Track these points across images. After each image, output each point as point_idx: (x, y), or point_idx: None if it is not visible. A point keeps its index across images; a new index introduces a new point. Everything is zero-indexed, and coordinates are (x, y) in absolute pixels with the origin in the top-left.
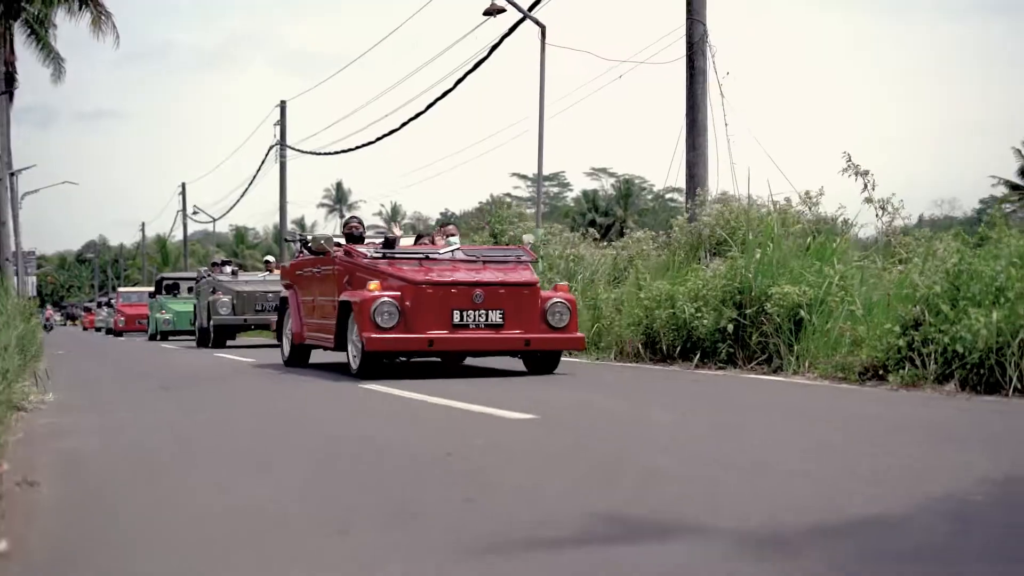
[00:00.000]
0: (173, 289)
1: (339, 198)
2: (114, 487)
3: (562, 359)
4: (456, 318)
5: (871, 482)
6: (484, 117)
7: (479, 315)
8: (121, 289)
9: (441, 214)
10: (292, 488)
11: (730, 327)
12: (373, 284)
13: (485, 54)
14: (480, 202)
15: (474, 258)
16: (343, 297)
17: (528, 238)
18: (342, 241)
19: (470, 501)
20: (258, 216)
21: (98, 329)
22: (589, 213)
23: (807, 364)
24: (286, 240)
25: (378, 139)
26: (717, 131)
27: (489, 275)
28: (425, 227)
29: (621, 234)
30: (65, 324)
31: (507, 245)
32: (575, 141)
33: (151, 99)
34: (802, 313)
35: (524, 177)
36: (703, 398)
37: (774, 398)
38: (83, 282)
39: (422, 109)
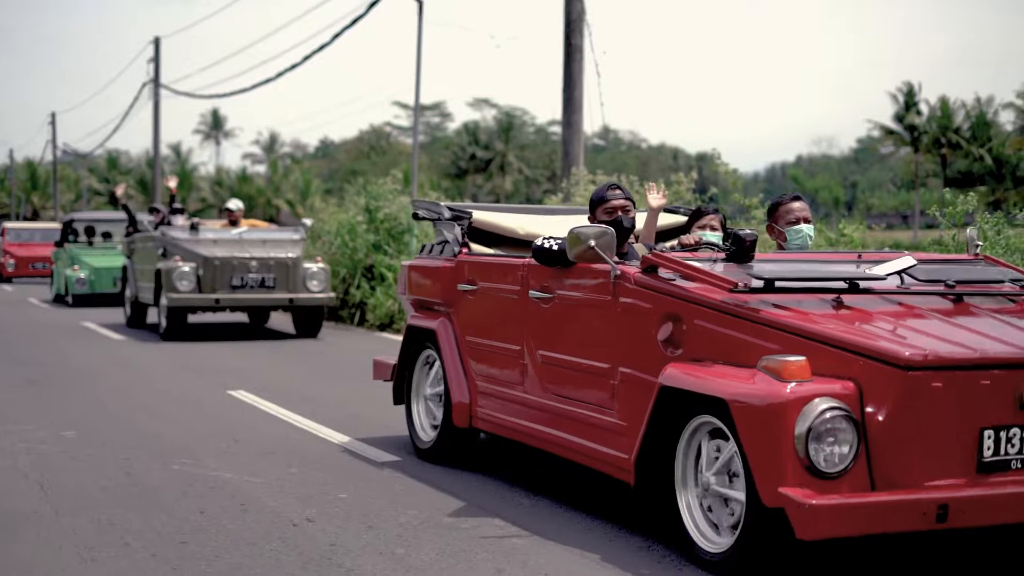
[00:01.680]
0: (89, 234)
1: (215, 124)
2: None
3: None
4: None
5: None
6: (364, 56)
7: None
8: (9, 225)
9: (320, 141)
10: None
11: None
12: None
13: (364, 10)
14: (360, 130)
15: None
16: None
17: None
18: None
19: None
20: (130, 141)
21: None
22: (470, 147)
23: None
24: (416, 216)
25: (254, 86)
26: (593, 109)
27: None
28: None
29: (502, 168)
30: None
31: (382, 222)
32: (456, 70)
33: (21, 15)
34: None
35: (405, 106)
36: None
37: None
38: None
39: (298, 61)
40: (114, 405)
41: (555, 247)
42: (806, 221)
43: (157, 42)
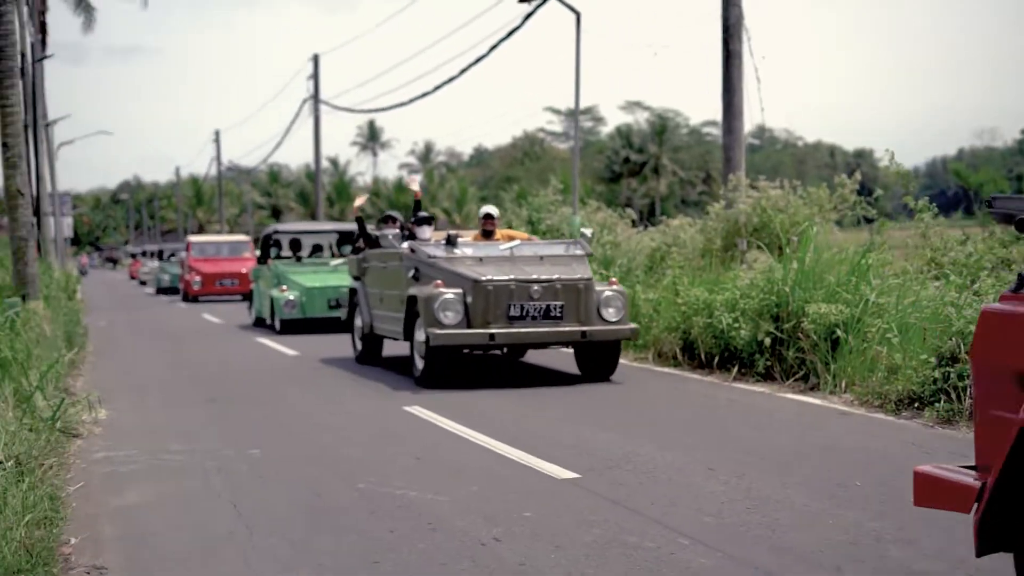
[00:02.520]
0: (294, 248)
1: (372, 136)
2: None
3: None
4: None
5: None
6: (516, 64)
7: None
8: (193, 239)
9: (474, 149)
10: None
11: (767, 341)
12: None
13: (519, 22)
14: (513, 137)
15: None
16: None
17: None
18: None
19: None
20: (290, 155)
21: (143, 283)
22: (623, 150)
23: (843, 384)
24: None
25: (412, 100)
26: (753, 114)
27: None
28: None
29: (656, 171)
30: (103, 267)
31: (543, 233)
32: (609, 73)
33: (184, 36)
34: (838, 332)
35: (558, 112)
36: (749, 447)
37: (817, 440)
38: (118, 223)
39: (455, 74)
40: (294, 423)
41: None
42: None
43: (316, 59)
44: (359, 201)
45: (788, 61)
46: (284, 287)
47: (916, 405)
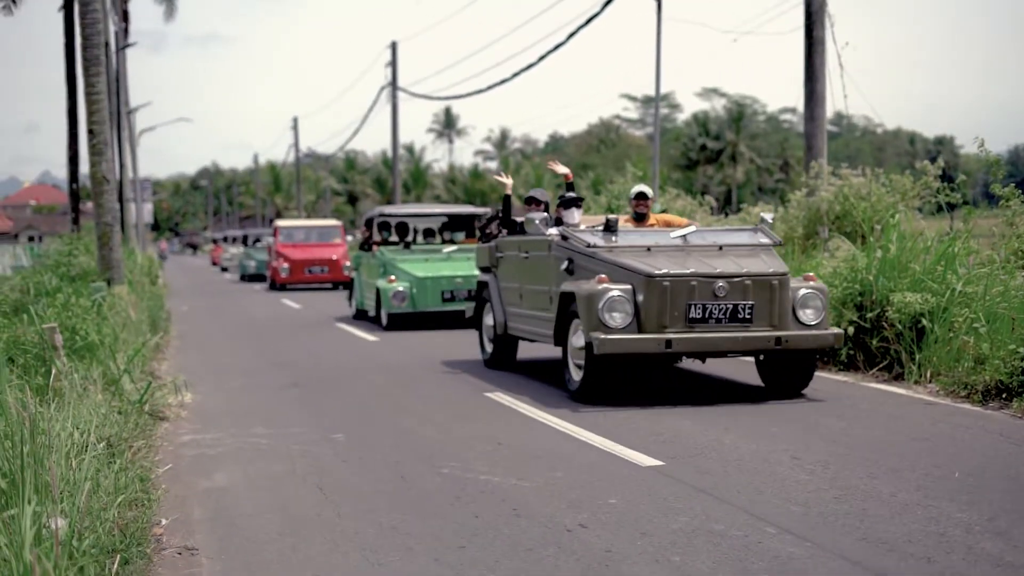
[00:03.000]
0: (401, 232)
1: (448, 123)
2: (269, 566)
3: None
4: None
5: None
6: (596, 46)
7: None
8: (281, 223)
9: (550, 136)
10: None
11: (851, 330)
12: None
13: (598, 9)
14: (589, 124)
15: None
16: None
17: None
18: None
19: None
20: (366, 141)
21: (224, 269)
22: (700, 137)
23: (928, 374)
24: None
25: (489, 87)
26: (836, 102)
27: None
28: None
29: (733, 158)
30: (183, 252)
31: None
32: (686, 59)
33: (262, 23)
34: (924, 322)
35: (633, 99)
36: (834, 436)
37: (903, 430)
38: (197, 208)
39: (534, 61)
40: (376, 407)
41: None
42: None
43: (394, 46)
44: (508, 180)
45: (870, 47)
46: (392, 277)
47: (1004, 396)
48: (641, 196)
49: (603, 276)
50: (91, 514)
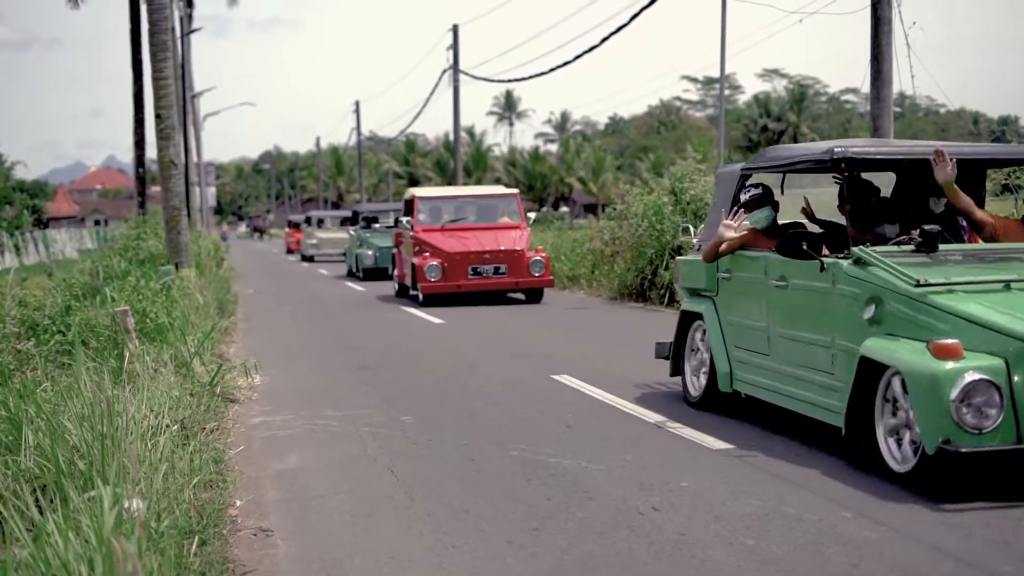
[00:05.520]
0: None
1: (508, 106)
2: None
3: None
4: None
5: None
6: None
7: None
8: (420, 192)
9: (610, 118)
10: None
11: None
12: None
13: None
14: (649, 106)
15: None
16: None
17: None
18: None
19: None
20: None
21: (308, 259)
22: (761, 119)
23: None
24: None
25: (551, 70)
26: (904, 83)
27: None
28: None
29: (795, 140)
30: (251, 237)
31: (688, 203)
32: (746, 39)
33: (324, 7)
34: None
35: (694, 80)
36: None
37: None
38: (259, 192)
39: (596, 43)
40: (444, 390)
41: None
42: None
43: (455, 29)
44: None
45: (936, 27)
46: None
47: None
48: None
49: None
50: (168, 495)
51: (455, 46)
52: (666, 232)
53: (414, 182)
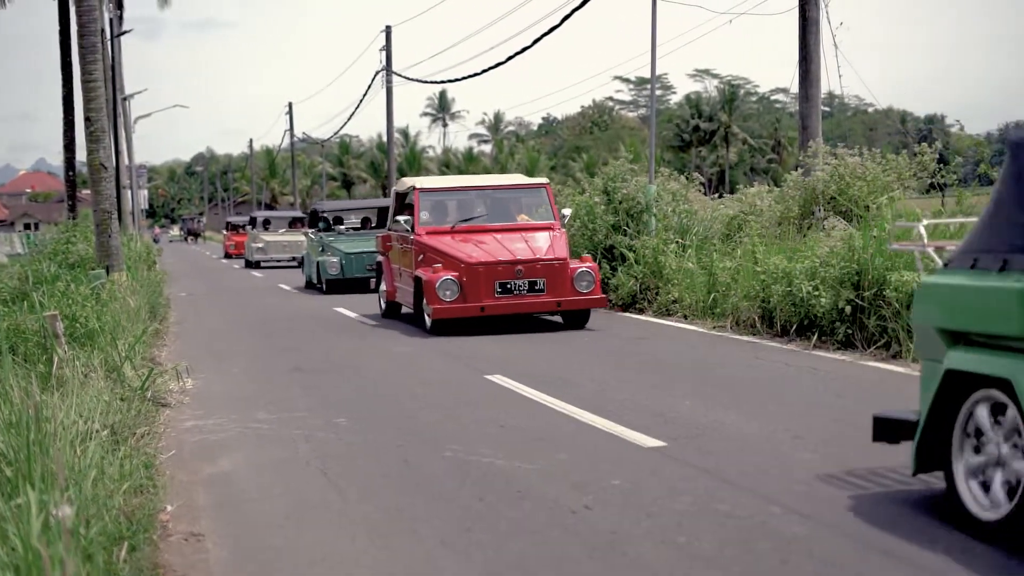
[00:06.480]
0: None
1: (442, 107)
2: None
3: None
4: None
5: None
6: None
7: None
8: (422, 182)
9: (543, 119)
10: None
11: (848, 309)
12: None
13: None
14: (582, 106)
15: None
16: None
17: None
18: None
19: None
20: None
21: (253, 263)
22: (693, 119)
23: None
24: None
25: (484, 71)
26: (831, 82)
27: None
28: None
29: (725, 139)
30: (185, 240)
31: (620, 202)
32: (678, 39)
33: (258, 9)
34: None
35: (627, 81)
36: (836, 415)
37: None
38: (192, 194)
39: (528, 44)
40: (377, 391)
41: None
42: None
43: (388, 31)
44: None
45: (863, 27)
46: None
47: None
48: None
49: None
50: (97, 501)
51: (388, 47)
52: (598, 232)
53: (348, 184)
